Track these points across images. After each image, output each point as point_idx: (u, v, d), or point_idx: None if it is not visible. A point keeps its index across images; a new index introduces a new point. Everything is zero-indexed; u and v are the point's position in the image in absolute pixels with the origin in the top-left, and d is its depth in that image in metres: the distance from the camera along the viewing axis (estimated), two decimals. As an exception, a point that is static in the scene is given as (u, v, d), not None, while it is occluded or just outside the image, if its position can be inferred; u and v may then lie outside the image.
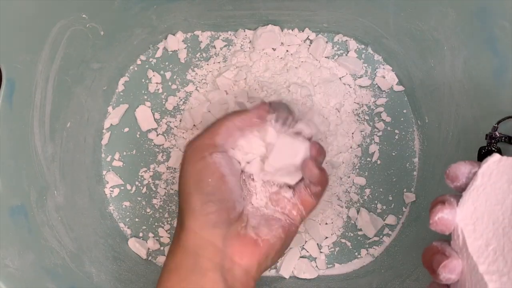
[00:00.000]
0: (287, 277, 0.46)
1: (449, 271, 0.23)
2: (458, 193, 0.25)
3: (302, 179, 0.34)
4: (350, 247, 0.47)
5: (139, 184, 0.48)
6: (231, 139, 0.33)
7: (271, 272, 0.46)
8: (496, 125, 0.33)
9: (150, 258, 0.47)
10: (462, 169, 0.24)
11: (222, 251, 0.30)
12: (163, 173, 0.48)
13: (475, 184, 0.23)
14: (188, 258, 0.29)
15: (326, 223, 0.47)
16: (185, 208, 0.30)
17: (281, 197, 0.34)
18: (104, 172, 0.48)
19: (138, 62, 0.50)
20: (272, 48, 0.49)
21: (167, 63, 0.50)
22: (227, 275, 0.29)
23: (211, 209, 0.29)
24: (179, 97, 0.49)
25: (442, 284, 0.24)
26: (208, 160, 0.30)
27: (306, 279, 0.46)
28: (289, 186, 0.34)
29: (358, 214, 0.47)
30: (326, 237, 0.47)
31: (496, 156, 0.24)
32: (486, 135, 0.34)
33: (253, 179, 0.34)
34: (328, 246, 0.47)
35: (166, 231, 0.47)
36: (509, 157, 0.24)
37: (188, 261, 0.29)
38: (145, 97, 0.50)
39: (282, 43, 0.49)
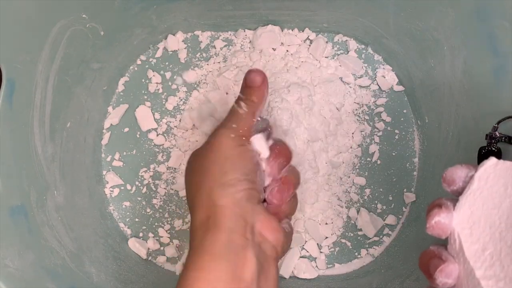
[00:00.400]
0: (287, 277, 0.46)
1: (446, 275, 0.23)
2: (455, 197, 0.25)
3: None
4: (350, 247, 0.47)
5: (139, 184, 0.48)
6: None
7: (271, 272, 0.46)
8: (496, 125, 0.33)
9: (150, 258, 0.47)
10: (459, 173, 0.24)
11: (253, 226, 0.30)
12: (163, 173, 0.48)
13: (472, 188, 0.23)
14: (220, 236, 0.29)
15: (326, 223, 0.47)
16: (215, 187, 0.31)
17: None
18: (104, 172, 0.48)
19: (138, 62, 0.50)
20: (272, 48, 0.49)
21: (167, 63, 0.50)
22: (259, 253, 0.30)
23: (247, 186, 0.31)
24: (179, 97, 0.49)
25: None
26: (248, 147, 0.33)
27: (306, 279, 0.46)
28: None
29: (358, 214, 0.47)
30: (326, 237, 0.47)
31: (492, 160, 0.24)
32: (486, 135, 0.34)
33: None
34: (328, 246, 0.47)
35: (166, 231, 0.47)
36: (506, 161, 0.24)
37: (221, 239, 0.29)
38: (145, 97, 0.50)
39: (282, 43, 0.49)
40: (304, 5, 0.46)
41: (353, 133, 0.48)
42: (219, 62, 0.50)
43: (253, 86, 0.35)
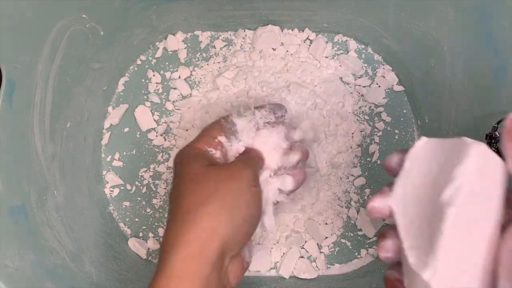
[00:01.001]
0: (287, 277, 0.46)
1: (385, 251, 0.25)
2: None
3: None
4: (350, 247, 0.47)
5: (139, 184, 0.48)
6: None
7: (271, 272, 0.46)
8: (496, 125, 0.33)
9: (150, 258, 0.47)
10: (394, 159, 0.26)
11: (226, 273, 0.30)
12: (163, 173, 0.48)
13: (405, 169, 0.25)
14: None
15: (326, 223, 0.47)
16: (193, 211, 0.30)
17: None
18: (104, 172, 0.48)
19: (138, 62, 0.50)
20: (272, 48, 0.49)
21: (167, 63, 0.50)
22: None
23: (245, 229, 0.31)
24: (179, 97, 0.49)
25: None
26: (257, 190, 0.32)
27: (306, 279, 0.46)
28: None
29: (358, 214, 0.47)
30: (326, 237, 0.47)
31: (423, 139, 0.25)
32: (486, 135, 0.34)
33: None
34: (328, 246, 0.47)
35: (166, 231, 0.47)
36: (434, 138, 0.24)
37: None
38: (145, 97, 0.50)
39: (282, 43, 0.49)
40: (304, 5, 0.46)
41: (353, 133, 0.48)
42: (219, 62, 0.50)
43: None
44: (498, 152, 0.33)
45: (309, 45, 0.50)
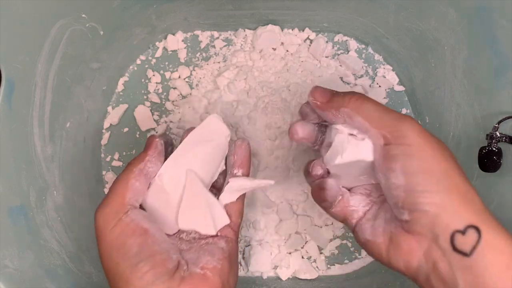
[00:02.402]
0: (287, 277, 0.46)
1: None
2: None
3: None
4: (351, 247, 0.47)
5: (139, 184, 0.48)
6: (139, 189, 0.30)
7: (271, 273, 0.46)
8: (496, 125, 0.33)
9: (150, 258, 0.47)
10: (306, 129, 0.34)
11: None
12: (163, 173, 0.48)
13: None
14: None
15: (327, 224, 0.47)
16: (117, 281, 0.27)
17: None
18: (103, 172, 0.48)
19: (138, 62, 0.50)
20: (272, 48, 0.49)
21: (167, 63, 0.50)
22: None
23: (144, 269, 0.27)
24: (179, 97, 0.49)
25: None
26: (125, 221, 0.28)
27: (306, 279, 0.46)
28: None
29: (358, 214, 0.47)
30: (327, 238, 0.46)
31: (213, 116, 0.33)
32: (487, 135, 0.34)
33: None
34: (329, 247, 0.46)
35: (166, 231, 0.47)
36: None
37: None
38: (145, 97, 0.50)
39: (282, 43, 0.49)
40: (304, 4, 0.46)
41: (353, 133, 0.48)
42: (219, 62, 0.50)
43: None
44: (499, 151, 0.33)
45: (309, 45, 0.50)
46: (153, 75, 0.50)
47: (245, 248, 0.47)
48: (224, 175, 0.35)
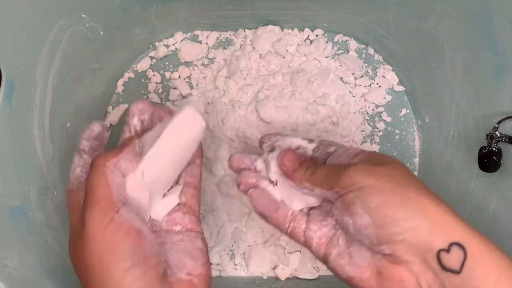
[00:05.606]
0: (287, 277, 0.45)
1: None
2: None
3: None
4: (350, 247, 0.47)
5: (139, 184, 0.48)
6: (121, 184, 0.28)
7: (271, 273, 0.46)
8: (496, 125, 0.33)
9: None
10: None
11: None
12: (163, 173, 0.48)
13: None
14: None
15: (326, 223, 0.47)
16: (104, 286, 0.25)
17: (171, 212, 0.31)
18: (104, 172, 0.48)
19: (138, 62, 0.50)
20: (272, 48, 0.49)
21: (167, 63, 0.50)
22: None
23: (137, 274, 0.25)
24: (179, 97, 0.49)
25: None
26: (118, 220, 0.26)
27: (306, 279, 0.45)
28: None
29: (358, 214, 0.47)
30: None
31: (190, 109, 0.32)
32: (487, 135, 0.34)
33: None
34: (328, 246, 0.46)
35: (166, 231, 0.47)
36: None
37: None
38: (145, 97, 0.50)
39: (282, 43, 0.49)
40: (304, 5, 0.46)
41: (353, 133, 0.48)
42: (219, 62, 0.50)
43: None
44: (499, 151, 0.33)
45: (309, 45, 0.50)
46: (153, 75, 0.50)
47: (245, 248, 0.47)
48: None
